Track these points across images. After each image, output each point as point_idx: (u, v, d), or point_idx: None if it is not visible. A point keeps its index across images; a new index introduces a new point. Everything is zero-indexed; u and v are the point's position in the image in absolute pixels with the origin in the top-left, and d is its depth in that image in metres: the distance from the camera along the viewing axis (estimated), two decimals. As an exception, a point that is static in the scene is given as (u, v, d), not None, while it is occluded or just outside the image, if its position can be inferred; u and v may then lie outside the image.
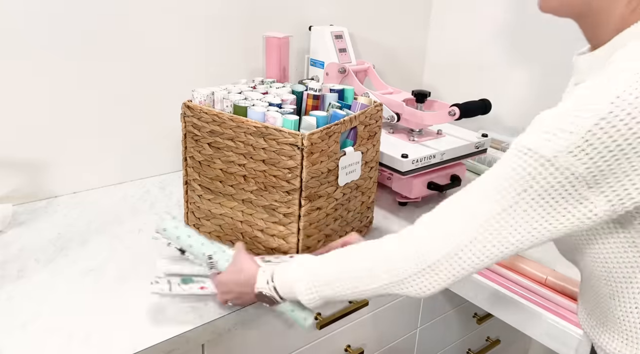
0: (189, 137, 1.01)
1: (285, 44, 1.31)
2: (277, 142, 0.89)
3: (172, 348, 0.82)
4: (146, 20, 1.23)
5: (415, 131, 1.34)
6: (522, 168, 0.61)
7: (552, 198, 0.61)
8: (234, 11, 1.36)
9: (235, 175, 0.97)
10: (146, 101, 1.29)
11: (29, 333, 0.80)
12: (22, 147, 1.15)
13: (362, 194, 1.07)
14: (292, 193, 0.91)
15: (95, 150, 1.25)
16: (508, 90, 1.61)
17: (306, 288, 0.77)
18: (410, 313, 1.26)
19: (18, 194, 1.17)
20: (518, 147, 0.62)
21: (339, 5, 1.56)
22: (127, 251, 1.02)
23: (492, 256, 0.66)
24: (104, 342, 0.79)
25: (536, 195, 0.61)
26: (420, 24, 1.80)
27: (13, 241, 1.04)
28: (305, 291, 0.77)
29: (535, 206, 0.62)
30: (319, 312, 1.04)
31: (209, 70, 1.36)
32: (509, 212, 0.63)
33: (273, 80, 1.12)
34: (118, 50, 1.21)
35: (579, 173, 0.59)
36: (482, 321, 1.40)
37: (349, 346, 1.14)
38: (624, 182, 0.59)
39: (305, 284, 0.77)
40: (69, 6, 1.12)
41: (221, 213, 1.01)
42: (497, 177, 0.64)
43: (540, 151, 0.60)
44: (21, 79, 1.11)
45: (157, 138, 1.33)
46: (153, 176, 1.36)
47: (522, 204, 0.62)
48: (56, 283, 0.92)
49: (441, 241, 0.67)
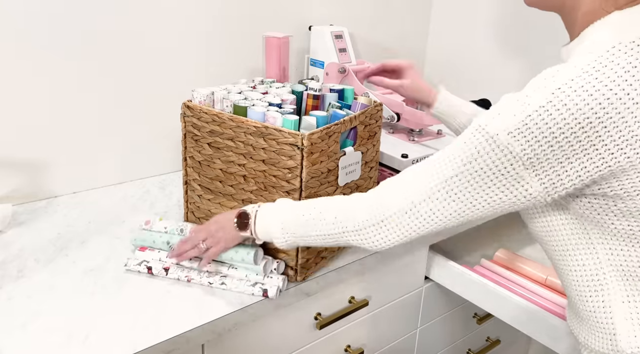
0: (189, 137, 1.01)
1: (285, 44, 1.31)
2: (277, 142, 0.89)
3: (172, 348, 0.82)
4: (146, 21, 1.23)
5: (415, 131, 1.34)
6: (471, 142, 0.66)
7: (493, 173, 0.65)
8: (234, 11, 1.36)
9: (235, 175, 0.97)
10: (146, 101, 1.29)
11: (29, 333, 0.80)
12: (22, 147, 1.15)
13: (362, 194, 1.07)
14: (292, 193, 0.91)
15: (95, 150, 1.25)
16: (508, 90, 1.61)
17: (280, 230, 0.83)
18: (410, 313, 1.26)
19: (18, 194, 1.17)
20: (474, 124, 0.67)
21: (339, 5, 1.56)
22: (127, 251, 1.02)
23: (437, 221, 0.71)
24: (104, 342, 0.79)
25: (479, 168, 0.66)
26: (420, 24, 1.80)
27: (13, 241, 1.04)
28: (279, 233, 0.83)
29: (477, 178, 0.67)
30: (319, 312, 1.04)
31: (209, 70, 1.36)
32: (454, 180, 0.68)
33: (273, 80, 1.12)
34: (118, 50, 1.21)
35: (516, 153, 0.63)
36: (482, 321, 1.40)
37: (349, 346, 1.14)
38: (557, 169, 0.63)
39: (280, 226, 0.83)
40: (69, 6, 1.12)
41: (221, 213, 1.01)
42: (452, 148, 0.69)
43: (487, 128, 0.64)
44: (21, 79, 1.11)
45: (157, 138, 1.33)
46: (153, 176, 1.36)
47: (466, 175, 0.67)
48: (56, 283, 0.92)
49: (397, 198, 0.74)
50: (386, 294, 1.18)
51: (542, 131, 0.61)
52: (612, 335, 0.71)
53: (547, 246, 0.77)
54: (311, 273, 0.98)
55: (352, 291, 1.10)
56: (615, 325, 0.70)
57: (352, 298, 1.10)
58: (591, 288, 0.72)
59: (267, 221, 0.85)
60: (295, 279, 0.95)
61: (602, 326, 0.72)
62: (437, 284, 1.26)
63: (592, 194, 0.66)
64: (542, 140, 0.61)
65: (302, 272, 0.95)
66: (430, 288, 1.27)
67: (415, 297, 1.24)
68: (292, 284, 0.95)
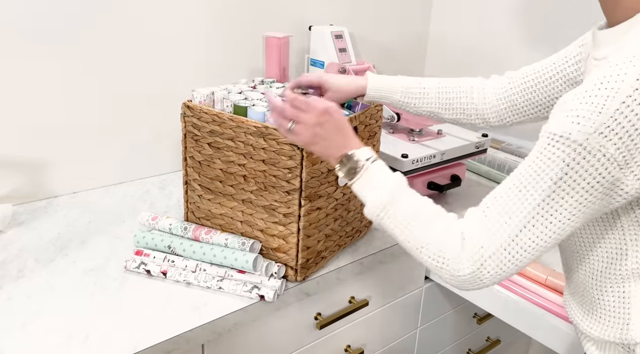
0: (189, 137, 1.01)
1: (285, 44, 1.31)
2: (277, 142, 0.89)
3: (172, 348, 0.82)
4: (146, 21, 1.23)
5: (415, 131, 1.34)
6: (555, 156, 0.61)
7: (588, 183, 0.61)
8: (234, 11, 1.36)
9: (235, 175, 0.97)
10: (146, 101, 1.29)
11: (29, 333, 0.80)
12: (22, 147, 1.15)
13: (362, 194, 1.07)
14: (292, 193, 0.91)
15: (95, 150, 1.25)
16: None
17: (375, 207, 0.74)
18: (410, 313, 1.26)
19: (18, 194, 1.17)
20: (548, 135, 0.62)
21: (339, 5, 1.56)
22: (127, 251, 1.02)
23: (539, 247, 0.65)
24: (104, 342, 0.79)
25: (572, 181, 0.61)
26: (420, 23, 1.80)
27: (13, 241, 1.04)
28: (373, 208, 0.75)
29: (572, 192, 0.62)
30: (319, 312, 1.04)
31: (209, 70, 1.36)
32: (547, 202, 0.63)
33: (273, 80, 1.12)
34: (118, 50, 1.21)
35: (610, 154, 0.59)
36: (482, 321, 1.40)
37: (349, 346, 1.14)
38: None
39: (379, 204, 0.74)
40: (70, 7, 1.12)
41: (221, 213, 1.01)
42: (534, 167, 0.64)
43: (572, 137, 0.60)
44: (21, 79, 1.11)
45: (157, 138, 1.33)
46: (153, 176, 1.36)
47: (559, 193, 0.63)
48: (56, 283, 0.92)
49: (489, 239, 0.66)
50: (386, 294, 1.18)
51: (634, 122, 0.58)
52: (626, 325, 0.71)
53: (575, 239, 0.74)
54: (311, 272, 0.98)
55: (352, 291, 1.10)
56: (631, 316, 0.71)
57: (352, 298, 1.10)
58: (612, 280, 0.72)
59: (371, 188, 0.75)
60: (295, 279, 0.95)
61: (616, 316, 0.72)
62: (437, 284, 1.26)
63: None
64: (635, 132, 0.58)
65: (302, 272, 0.95)
66: (430, 288, 1.27)
67: (415, 297, 1.24)
68: (292, 284, 0.95)
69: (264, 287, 0.90)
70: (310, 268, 0.97)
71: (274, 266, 0.94)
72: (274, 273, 0.93)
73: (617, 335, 0.73)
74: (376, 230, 1.15)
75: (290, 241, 0.94)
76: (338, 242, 1.04)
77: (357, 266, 1.05)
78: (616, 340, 0.73)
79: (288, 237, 0.94)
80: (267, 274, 0.93)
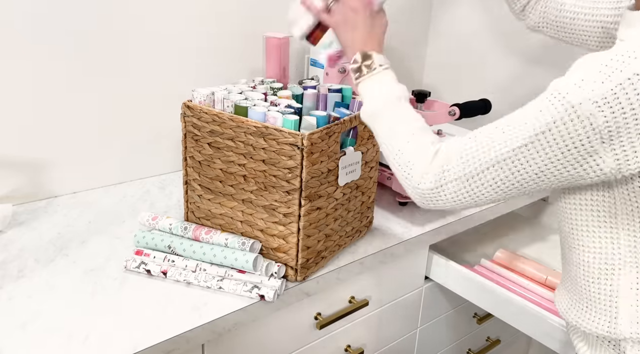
0: (189, 137, 1.01)
1: (285, 44, 1.31)
2: (277, 142, 0.89)
3: (172, 348, 0.82)
4: (146, 21, 1.23)
5: (415, 131, 1.34)
6: (547, 109, 0.63)
7: (566, 146, 0.62)
8: (234, 11, 1.36)
9: (235, 175, 0.97)
10: (146, 101, 1.29)
11: (29, 333, 0.80)
12: (22, 147, 1.15)
13: (362, 194, 1.07)
14: (292, 193, 0.91)
15: (95, 150, 1.25)
16: (508, 90, 1.61)
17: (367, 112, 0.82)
18: (410, 313, 1.26)
19: (18, 194, 1.17)
20: (551, 89, 0.63)
21: (339, 5, 1.56)
22: (127, 251, 1.02)
23: (499, 191, 0.69)
24: (104, 342, 0.79)
25: (551, 139, 0.63)
26: (420, 24, 1.80)
27: (13, 241, 1.04)
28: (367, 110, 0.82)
29: (548, 149, 0.64)
30: (319, 312, 1.04)
31: (209, 70, 1.36)
32: (522, 150, 0.65)
33: (273, 80, 1.12)
34: (118, 49, 1.21)
35: (597, 125, 0.60)
36: (482, 321, 1.40)
37: (349, 346, 1.14)
38: (636, 144, 0.60)
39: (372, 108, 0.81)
40: (70, 6, 1.12)
41: (221, 213, 1.01)
42: (524, 114, 0.66)
43: (568, 96, 0.61)
44: (21, 79, 1.11)
45: (157, 138, 1.33)
46: (153, 176, 1.36)
47: (537, 145, 0.64)
48: (56, 283, 0.92)
49: (461, 163, 0.70)
50: (386, 294, 1.18)
51: (632, 101, 0.58)
52: (614, 319, 0.71)
53: (567, 223, 0.74)
54: (311, 272, 0.98)
55: (352, 291, 1.10)
56: (618, 310, 0.71)
57: (352, 298, 1.10)
58: (602, 271, 0.71)
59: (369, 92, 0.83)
60: (295, 279, 0.95)
61: (604, 309, 0.72)
62: (437, 284, 1.26)
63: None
64: (630, 112, 0.58)
65: (302, 272, 0.95)
66: (430, 288, 1.27)
67: (415, 297, 1.24)
68: (292, 284, 0.95)
69: (264, 287, 0.90)
70: (310, 267, 0.97)
71: (274, 265, 0.94)
72: (274, 272, 0.93)
73: (606, 329, 0.72)
74: (376, 230, 1.15)
75: (290, 241, 0.94)
76: (338, 242, 1.04)
77: (357, 266, 1.05)
78: (604, 333, 0.72)
79: (288, 237, 0.94)
80: (267, 274, 0.93)
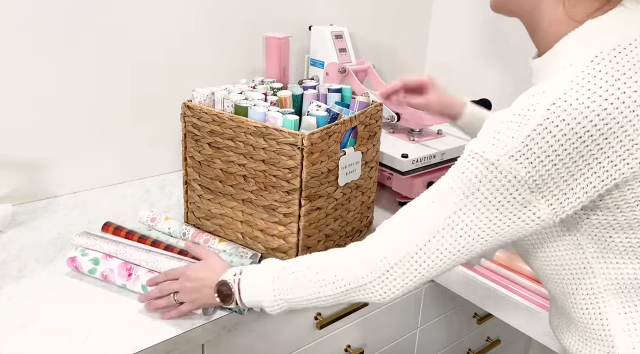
0: (189, 137, 1.01)
1: (285, 44, 1.31)
2: (277, 142, 0.89)
3: (172, 348, 0.82)
4: (146, 21, 1.23)
5: (415, 131, 1.34)
6: (469, 171, 0.63)
7: (498, 201, 0.62)
8: (234, 11, 1.36)
9: (235, 175, 0.97)
10: (146, 101, 1.29)
11: (29, 333, 0.80)
12: (22, 147, 1.15)
13: (362, 194, 1.07)
14: (292, 193, 0.91)
15: (95, 150, 1.25)
16: (508, 90, 1.61)
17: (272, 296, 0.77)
18: (410, 313, 1.26)
19: (18, 194, 1.17)
20: (467, 151, 0.64)
21: (339, 5, 1.56)
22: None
23: (446, 260, 0.67)
24: (104, 342, 0.79)
25: (483, 198, 0.63)
26: (420, 23, 1.80)
27: (13, 241, 1.04)
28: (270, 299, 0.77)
29: (482, 208, 0.63)
30: (319, 312, 1.04)
31: (209, 70, 1.36)
32: (458, 215, 0.65)
33: (273, 80, 1.12)
34: (118, 50, 1.21)
35: (521, 177, 0.60)
36: (482, 321, 1.40)
37: (349, 346, 1.14)
38: (563, 187, 0.61)
39: (271, 292, 0.77)
40: (69, 6, 1.12)
41: (221, 213, 1.01)
42: (448, 181, 0.66)
43: (485, 155, 0.61)
44: (21, 79, 1.11)
45: (157, 138, 1.33)
46: (153, 176, 1.36)
47: (470, 207, 0.64)
48: (56, 283, 0.92)
49: (397, 247, 0.69)
50: (386, 294, 1.17)
51: (544, 149, 0.59)
52: (611, 347, 0.70)
53: (537, 261, 0.74)
54: (311, 272, 0.98)
55: (352, 291, 1.10)
56: (613, 337, 0.69)
57: (352, 298, 1.10)
58: (587, 301, 0.71)
59: (254, 289, 0.78)
60: (295, 279, 0.95)
61: (600, 338, 0.71)
62: (437, 284, 1.26)
63: (595, 208, 0.64)
64: (546, 159, 0.59)
65: (302, 272, 0.95)
66: (430, 288, 1.27)
67: (415, 297, 1.24)
68: (292, 284, 0.95)
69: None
70: (310, 267, 0.97)
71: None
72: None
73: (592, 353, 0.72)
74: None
75: (290, 241, 0.94)
76: (338, 243, 1.04)
77: (357, 266, 1.05)
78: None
79: (288, 237, 0.94)
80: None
